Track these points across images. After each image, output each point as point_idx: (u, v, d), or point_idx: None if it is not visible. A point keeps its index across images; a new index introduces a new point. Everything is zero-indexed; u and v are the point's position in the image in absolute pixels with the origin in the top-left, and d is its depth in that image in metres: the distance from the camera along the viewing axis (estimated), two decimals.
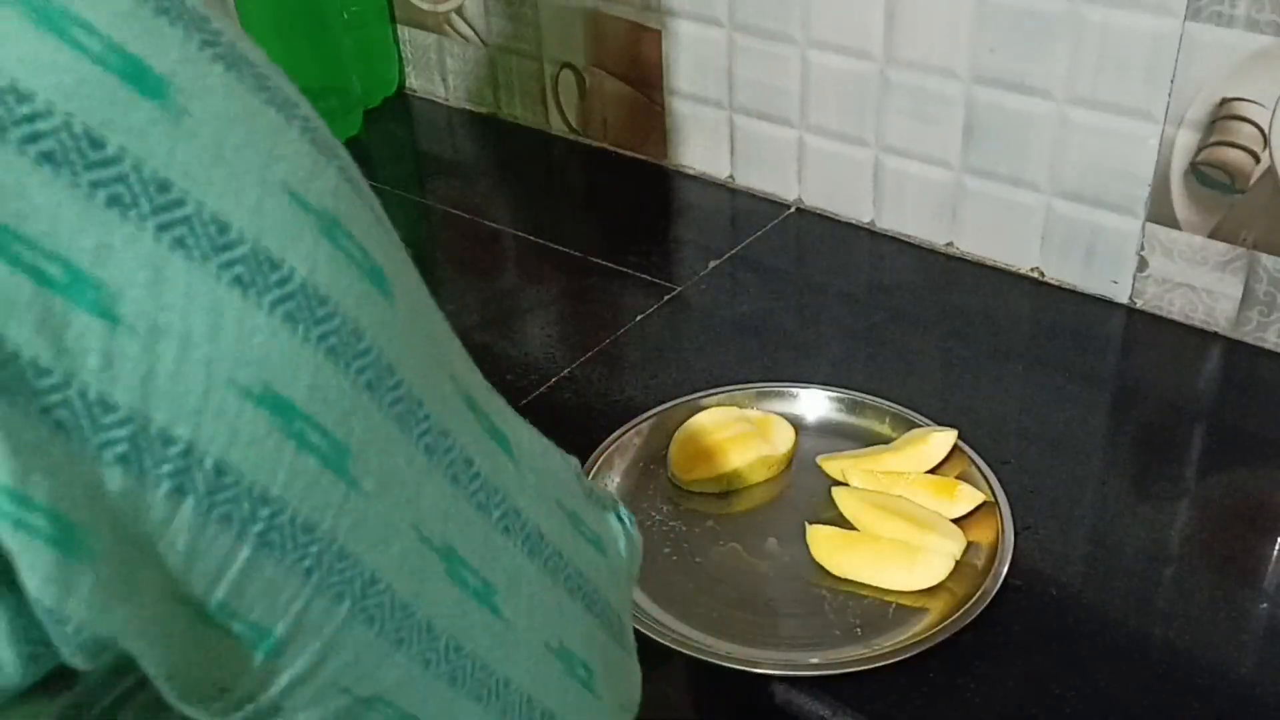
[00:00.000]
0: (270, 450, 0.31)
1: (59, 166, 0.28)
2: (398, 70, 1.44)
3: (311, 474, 0.32)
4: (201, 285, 0.30)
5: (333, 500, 0.33)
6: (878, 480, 0.82)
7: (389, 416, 0.34)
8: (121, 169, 0.29)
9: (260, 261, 0.31)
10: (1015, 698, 0.68)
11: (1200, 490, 0.84)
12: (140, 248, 0.29)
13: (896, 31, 1.03)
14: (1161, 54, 0.90)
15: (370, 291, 0.34)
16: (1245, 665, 0.70)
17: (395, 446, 0.35)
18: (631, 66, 1.24)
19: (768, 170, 1.18)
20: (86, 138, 0.28)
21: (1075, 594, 0.75)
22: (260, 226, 0.31)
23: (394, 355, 0.34)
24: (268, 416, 0.31)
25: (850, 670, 0.69)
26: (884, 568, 0.75)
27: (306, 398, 0.32)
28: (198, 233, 0.30)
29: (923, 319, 1.02)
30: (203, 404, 0.30)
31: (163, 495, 0.30)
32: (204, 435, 0.30)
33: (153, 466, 0.30)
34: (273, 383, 0.31)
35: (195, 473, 0.30)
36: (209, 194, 0.30)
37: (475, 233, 1.19)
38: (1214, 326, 0.97)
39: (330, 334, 0.32)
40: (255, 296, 0.31)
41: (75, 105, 0.28)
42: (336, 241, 0.33)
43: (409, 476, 0.35)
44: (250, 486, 0.31)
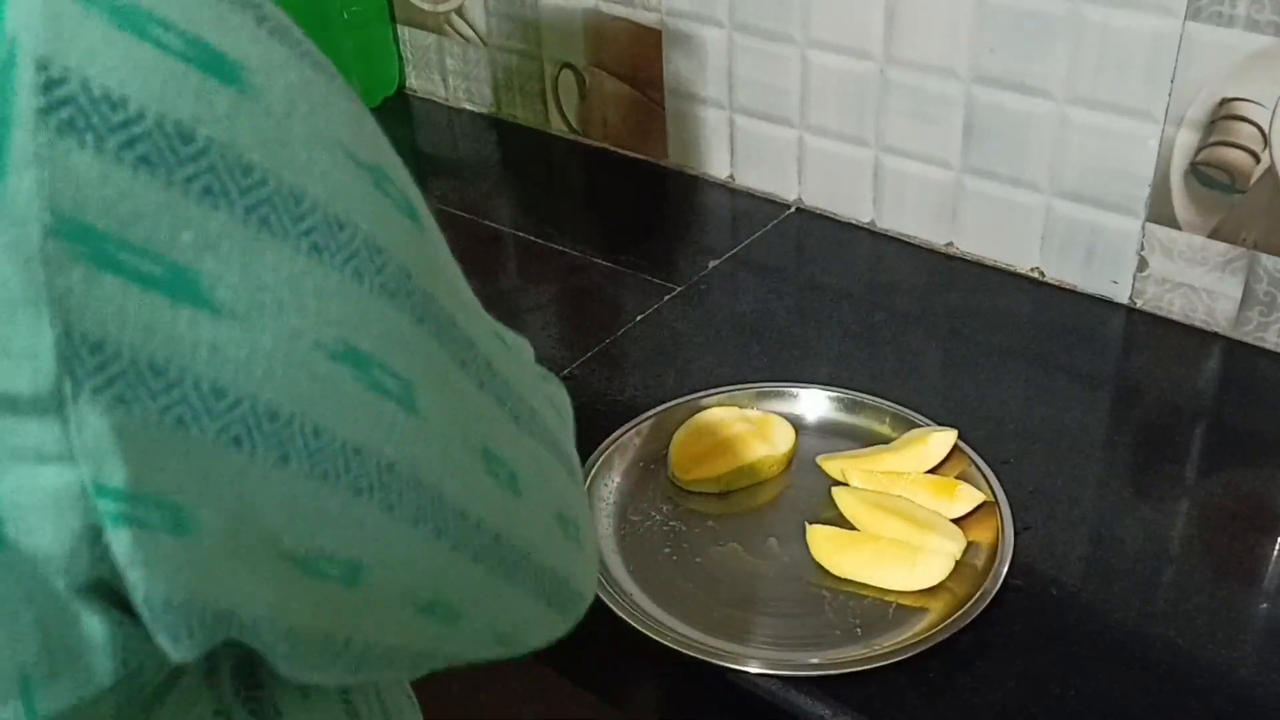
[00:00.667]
0: (356, 403, 0.33)
1: (155, 167, 0.29)
2: (398, 70, 1.44)
3: (389, 416, 0.34)
4: (286, 258, 0.31)
5: (407, 435, 0.35)
6: (878, 480, 0.82)
7: (437, 342, 0.36)
8: (211, 159, 0.29)
9: (331, 225, 0.32)
10: (1015, 698, 0.68)
11: (1200, 490, 0.83)
12: (233, 234, 0.30)
13: (896, 31, 1.03)
14: (1161, 54, 0.90)
15: (410, 228, 0.36)
16: (1245, 665, 0.70)
17: (443, 368, 0.36)
18: (631, 66, 1.24)
19: (768, 170, 1.18)
20: (178, 134, 0.29)
21: (1075, 594, 0.75)
22: (328, 191, 0.32)
23: (430, 282, 0.36)
24: (350, 371, 0.32)
25: (850, 670, 0.69)
26: (884, 568, 0.75)
27: (376, 345, 0.33)
28: (279, 208, 0.31)
29: (923, 319, 1.02)
30: (299, 374, 0.31)
31: (270, 465, 0.31)
32: (303, 403, 0.31)
33: (262, 440, 0.31)
34: (350, 338, 0.32)
35: (297, 439, 0.32)
36: (285, 168, 0.31)
37: (475, 233, 1.19)
38: (1214, 326, 0.97)
39: (389, 279, 0.34)
40: (329, 259, 0.32)
41: (165, 104, 0.29)
42: (386, 191, 0.35)
43: (454, 392, 0.37)
44: (344, 442, 0.33)
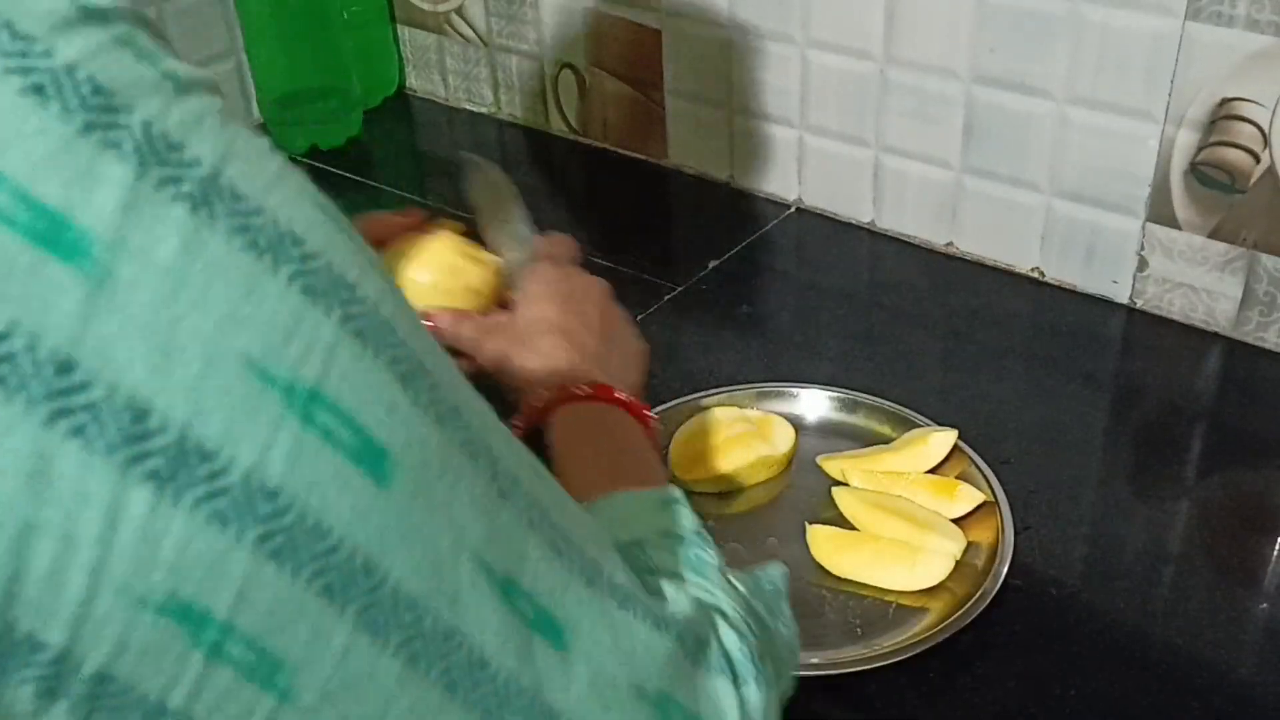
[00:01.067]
0: (170, 661, 0.28)
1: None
2: (398, 70, 1.44)
3: (226, 684, 0.29)
4: (99, 481, 0.26)
5: (255, 712, 0.29)
6: (878, 480, 0.82)
7: (356, 625, 0.30)
8: (10, 346, 0.25)
9: (186, 452, 0.27)
10: (1015, 697, 0.68)
11: (1200, 490, 0.83)
12: (22, 437, 0.25)
13: (896, 31, 1.03)
14: (1161, 54, 0.90)
15: (351, 476, 0.30)
16: (1245, 665, 0.70)
17: (359, 657, 0.31)
18: (631, 66, 1.24)
19: (768, 170, 1.18)
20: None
21: (1075, 594, 0.75)
22: (194, 409, 0.27)
23: (376, 552, 0.30)
24: (172, 625, 0.27)
25: (850, 670, 0.69)
26: (884, 568, 0.75)
27: (231, 607, 0.28)
28: (104, 420, 0.26)
29: (923, 319, 1.02)
30: (83, 611, 0.26)
31: (30, 695, 0.27)
32: (82, 643, 0.27)
33: (17, 667, 0.26)
34: (181, 590, 0.27)
35: (69, 678, 0.27)
36: (127, 374, 0.26)
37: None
38: (1214, 326, 0.97)
39: (276, 534, 0.28)
40: (173, 494, 0.27)
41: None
42: (310, 419, 0.29)
43: (377, 686, 0.31)
44: (143, 695, 0.28)
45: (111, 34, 0.28)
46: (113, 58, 0.27)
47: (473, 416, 0.35)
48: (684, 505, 0.51)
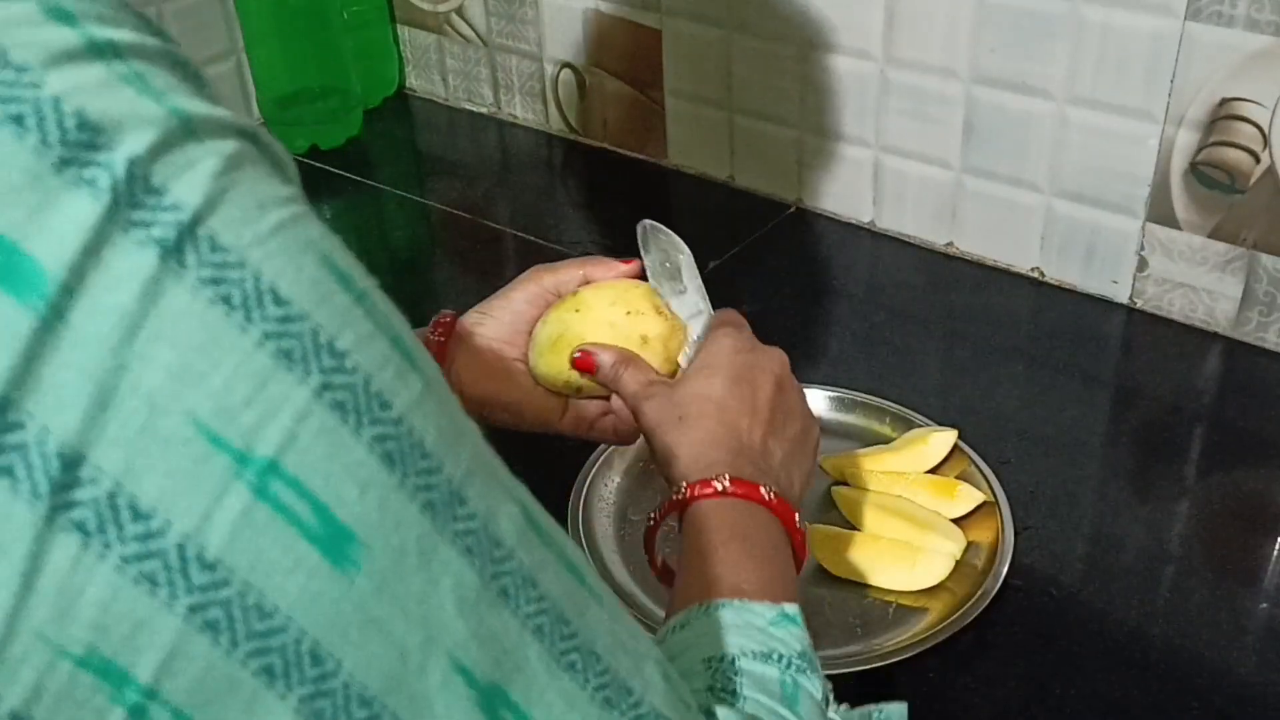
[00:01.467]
0: (89, 715, 0.27)
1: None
2: (398, 70, 1.44)
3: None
4: (22, 524, 0.25)
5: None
6: (878, 480, 0.82)
7: (298, 713, 0.29)
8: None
9: (119, 508, 0.26)
10: (1015, 698, 0.68)
11: (1200, 490, 0.83)
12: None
13: (896, 31, 1.03)
14: (1161, 54, 0.90)
15: (306, 560, 0.28)
16: (1245, 665, 0.70)
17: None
18: (631, 66, 1.24)
19: (768, 170, 1.18)
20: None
21: (1075, 594, 0.75)
22: (129, 465, 0.26)
23: (327, 640, 0.28)
24: (91, 679, 0.26)
25: (850, 670, 0.69)
26: (884, 568, 0.75)
27: (156, 672, 0.27)
28: (32, 464, 0.25)
29: (923, 319, 1.02)
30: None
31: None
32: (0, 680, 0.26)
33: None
34: (102, 648, 0.26)
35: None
36: (62, 419, 0.25)
37: (475, 233, 1.18)
38: (1214, 326, 0.97)
39: (211, 605, 0.27)
40: (99, 548, 0.26)
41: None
42: (263, 492, 0.27)
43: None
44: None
45: (117, 70, 0.27)
46: (109, 93, 0.27)
47: (484, 505, 0.32)
48: (798, 624, 0.49)
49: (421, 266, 1.18)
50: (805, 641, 0.48)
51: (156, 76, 0.28)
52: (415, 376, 0.31)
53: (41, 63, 0.26)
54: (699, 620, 0.49)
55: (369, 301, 0.30)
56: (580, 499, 0.81)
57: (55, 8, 0.27)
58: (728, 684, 0.44)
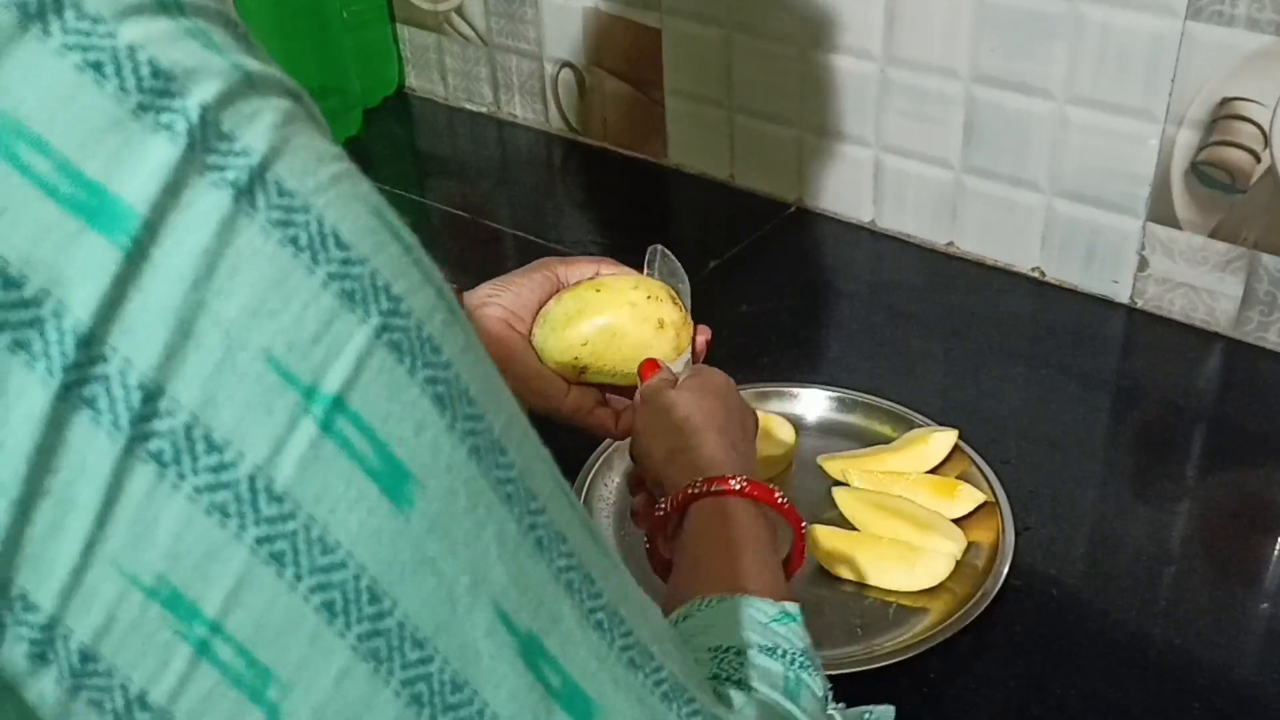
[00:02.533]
0: (156, 650, 0.27)
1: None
2: (398, 70, 1.44)
3: (211, 687, 0.28)
4: (103, 454, 0.26)
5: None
6: (878, 480, 0.82)
7: (356, 651, 0.29)
8: (38, 313, 0.25)
9: (194, 440, 0.27)
10: (1015, 698, 0.68)
11: (1200, 490, 0.83)
12: (33, 403, 0.25)
13: (896, 31, 1.03)
14: (1162, 54, 0.90)
15: (367, 496, 0.28)
16: (1245, 665, 0.70)
17: (357, 687, 0.29)
18: (631, 66, 1.23)
19: (768, 170, 1.18)
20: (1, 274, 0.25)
21: (1075, 594, 0.75)
22: (206, 398, 0.27)
23: (384, 578, 0.29)
24: (160, 611, 0.27)
25: (850, 670, 0.69)
26: (885, 568, 0.75)
27: (223, 604, 0.27)
28: (114, 396, 0.26)
29: (923, 319, 1.02)
30: (74, 579, 0.26)
31: (23, 655, 0.27)
32: (70, 614, 0.26)
33: (13, 624, 0.26)
34: (172, 578, 0.27)
35: (59, 647, 0.27)
36: (144, 353, 0.26)
37: (475, 232, 1.18)
38: (1214, 326, 0.97)
39: (278, 538, 0.27)
40: (174, 478, 0.26)
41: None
42: (329, 427, 0.28)
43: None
44: (125, 683, 0.27)
45: (182, 25, 0.28)
46: (178, 45, 0.27)
47: (521, 458, 0.32)
48: (799, 623, 0.50)
49: None
50: (806, 640, 0.49)
51: (216, 32, 0.29)
52: (459, 328, 0.31)
53: (114, 15, 0.27)
54: (704, 611, 0.49)
55: (416, 253, 0.31)
56: (580, 499, 0.81)
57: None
58: (734, 673, 0.45)
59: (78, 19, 0.26)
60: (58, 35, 0.26)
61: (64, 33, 0.26)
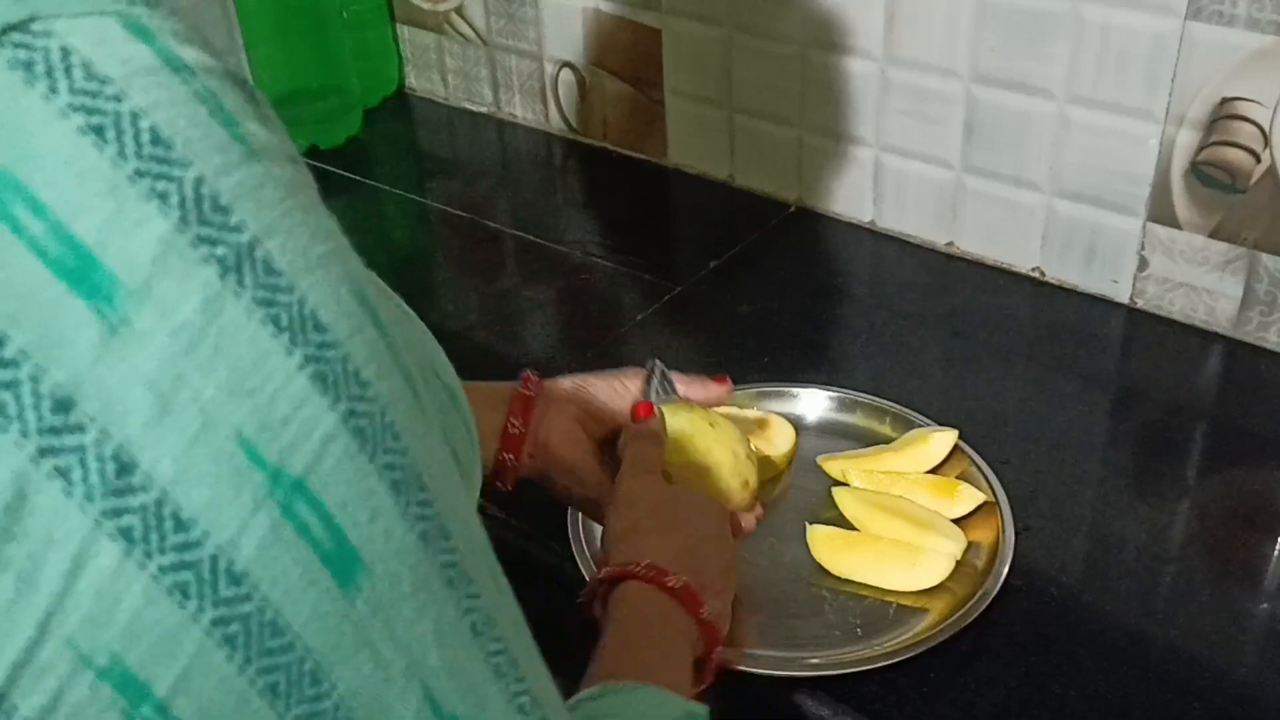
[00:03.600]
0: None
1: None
2: (398, 70, 1.44)
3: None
4: (71, 526, 0.26)
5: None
6: (878, 480, 0.82)
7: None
8: (15, 374, 0.25)
9: (162, 517, 0.26)
10: (1015, 698, 0.68)
11: (1200, 490, 0.83)
12: (6, 467, 0.25)
13: (896, 31, 1.03)
14: (1162, 54, 0.90)
15: (318, 576, 0.29)
16: (1245, 665, 0.70)
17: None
18: (631, 66, 1.23)
19: (768, 170, 1.18)
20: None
21: (1075, 594, 0.75)
22: (178, 475, 0.26)
23: (327, 661, 0.29)
24: (110, 692, 0.27)
25: (850, 670, 0.69)
26: (885, 568, 0.75)
27: (174, 686, 0.27)
28: (89, 466, 0.26)
29: (923, 319, 1.02)
30: (24, 657, 0.26)
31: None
32: (18, 691, 0.26)
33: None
34: (126, 658, 0.27)
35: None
36: (122, 425, 0.26)
37: (475, 232, 1.18)
38: (1215, 326, 0.97)
39: (232, 620, 0.27)
40: (140, 556, 0.26)
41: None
42: (289, 510, 0.28)
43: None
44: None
45: (191, 88, 0.28)
46: (183, 111, 0.27)
47: (463, 543, 0.33)
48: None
49: (421, 266, 1.18)
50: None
51: (225, 97, 0.29)
52: (420, 414, 0.32)
53: (123, 77, 0.27)
54: (615, 695, 0.51)
55: (390, 336, 0.31)
56: None
57: (136, 24, 0.28)
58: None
59: (86, 79, 0.26)
60: (64, 95, 0.26)
61: (70, 93, 0.26)
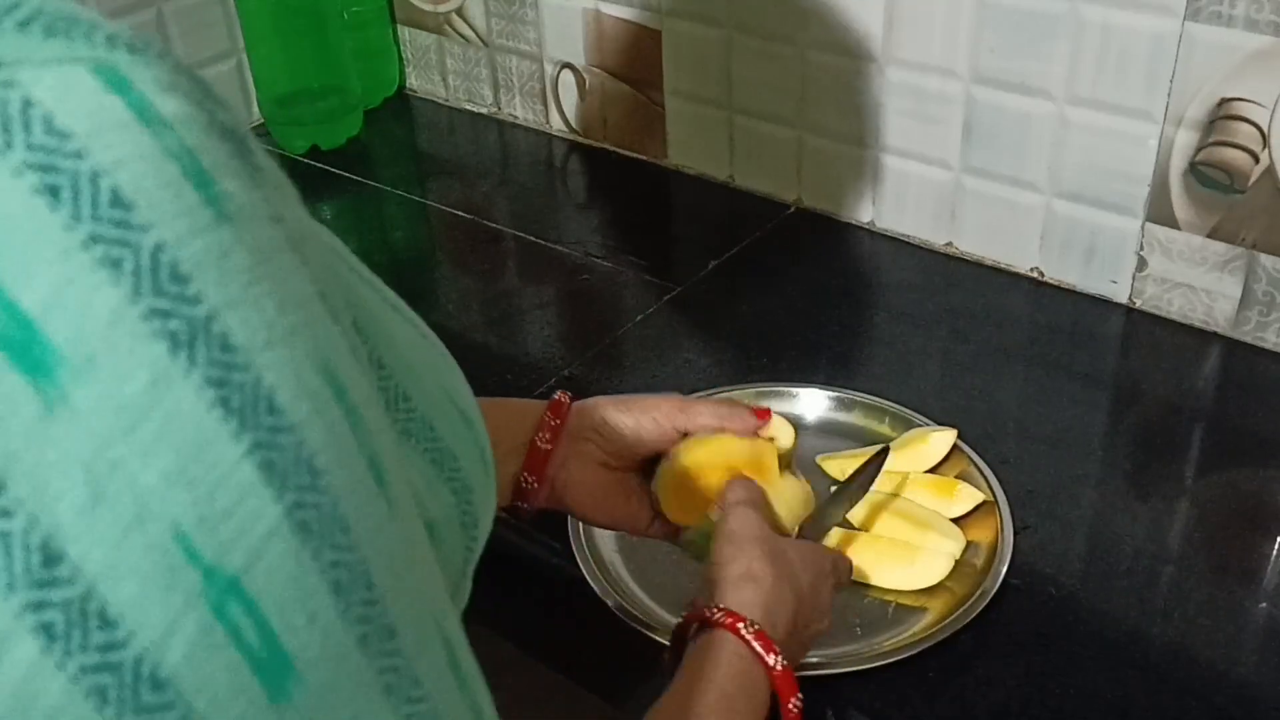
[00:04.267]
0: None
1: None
2: (398, 70, 1.44)
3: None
4: None
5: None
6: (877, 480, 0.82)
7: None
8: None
9: (87, 613, 0.24)
10: (1015, 697, 0.68)
11: (1200, 490, 0.84)
12: None
13: (896, 31, 1.03)
14: (1161, 54, 0.90)
15: (247, 685, 0.26)
16: (1245, 665, 0.70)
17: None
18: (631, 66, 1.24)
19: (768, 170, 1.18)
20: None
21: (1075, 594, 0.75)
22: (107, 568, 0.25)
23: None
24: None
25: (850, 670, 0.69)
26: (884, 567, 0.75)
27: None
28: (14, 555, 0.24)
29: (923, 319, 1.02)
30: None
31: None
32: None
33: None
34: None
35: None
36: (52, 511, 0.24)
37: (475, 233, 1.19)
38: (1213, 326, 0.97)
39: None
40: (59, 654, 0.24)
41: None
42: (221, 611, 0.26)
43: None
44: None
45: (163, 144, 0.26)
46: (151, 169, 0.25)
47: (410, 642, 0.31)
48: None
49: (421, 266, 1.18)
50: None
51: (204, 153, 0.27)
52: (382, 501, 0.30)
53: (86, 132, 0.25)
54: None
55: (356, 416, 0.29)
56: None
57: (110, 72, 0.26)
58: None
59: (45, 133, 0.24)
60: (20, 151, 0.24)
61: (27, 148, 0.24)
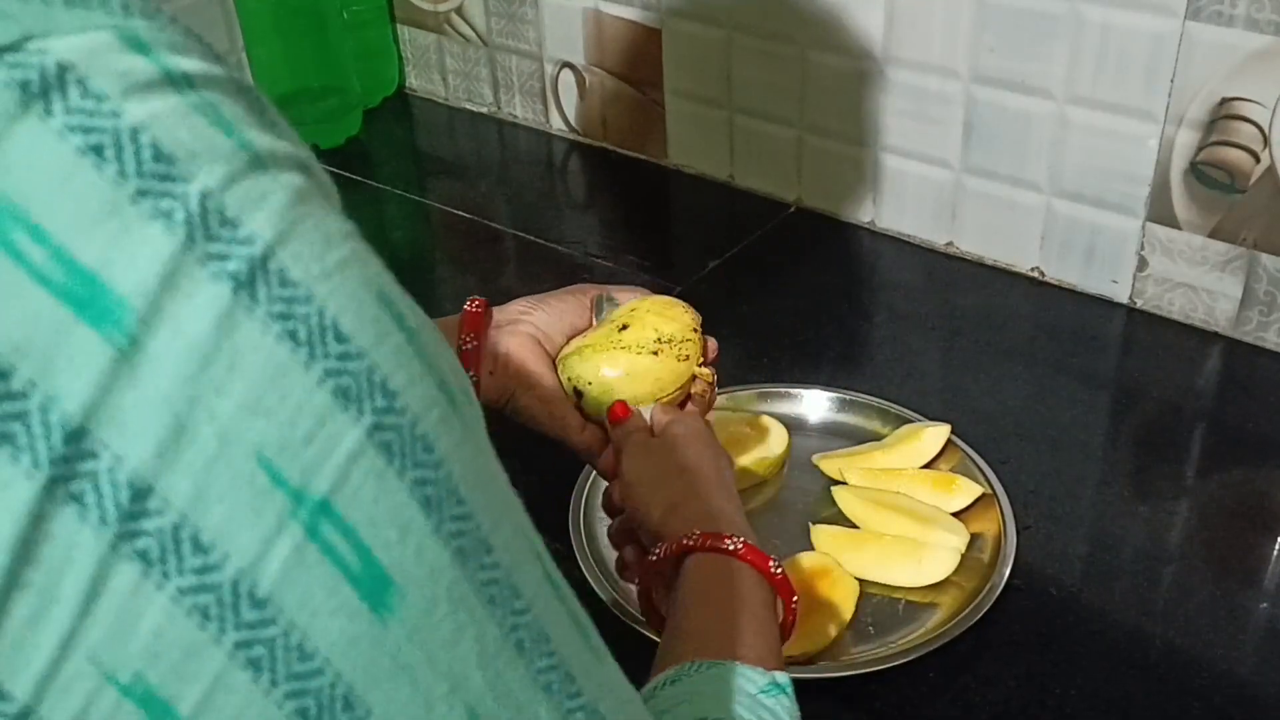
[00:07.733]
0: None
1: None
2: (398, 70, 1.44)
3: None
4: (88, 550, 0.25)
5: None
6: (876, 478, 0.82)
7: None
8: (24, 405, 0.25)
9: (181, 540, 0.26)
10: (1015, 697, 0.68)
11: (1200, 490, 0.83)
12: (20, 496, 0.25)
13: (896, 31, 1.03)
14: (1161, 54, 0.90)
15: (348, 603, 0.28)
16: (1245, 665, 0.70)
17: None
18: (631, 66, 1.24)
19: (768, 170, 1.18)
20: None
21: (1075, 594, 0.75)
22: (196, 497, 0.26)
23: (361, 686, 0.29)
24: (133, 709, 0.26)
25: (850, 671, 0.69)
26: (890, 565, 0.75)
27: (197, 706, 0.27)
28: (104, 493, 0.25)
29: (922, 319, 1.02)
30: (49, 672, 0.26)
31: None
32: (45, 704, 0.26)
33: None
34: (149, 676, 0.26)
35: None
36: (135, 450, 0.25)
37: (475, 232, 1.19)
38: (1214, 326, 0.97)
39: (256, 643, 0.27)
40: (159, 577, 0.26)
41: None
42: (314, 531, 0.27)
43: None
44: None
45: (190, 100, 0.27)
46: (184, 123, 0.27)
47: (508, 555, 0.32)
48: (788, 695, 0.51)
49: (421, 266, 1.18)
50: (795, 713, 0.49)
51: (226, 106, 0.28)
52: (456, 420, 0.31)
53: (120, 92, 0.26)
54: (693, 677, 0.50)
55: (419, 340, 0.30)
56: (581, 499, 0.81)
57: (131, 37, 0.27)
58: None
59: (82, 97, 0.25)
60: (60, 115, 0.25)
61: (66, 113, 0.25)
